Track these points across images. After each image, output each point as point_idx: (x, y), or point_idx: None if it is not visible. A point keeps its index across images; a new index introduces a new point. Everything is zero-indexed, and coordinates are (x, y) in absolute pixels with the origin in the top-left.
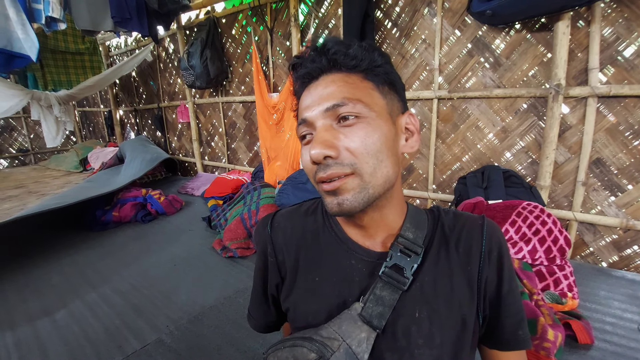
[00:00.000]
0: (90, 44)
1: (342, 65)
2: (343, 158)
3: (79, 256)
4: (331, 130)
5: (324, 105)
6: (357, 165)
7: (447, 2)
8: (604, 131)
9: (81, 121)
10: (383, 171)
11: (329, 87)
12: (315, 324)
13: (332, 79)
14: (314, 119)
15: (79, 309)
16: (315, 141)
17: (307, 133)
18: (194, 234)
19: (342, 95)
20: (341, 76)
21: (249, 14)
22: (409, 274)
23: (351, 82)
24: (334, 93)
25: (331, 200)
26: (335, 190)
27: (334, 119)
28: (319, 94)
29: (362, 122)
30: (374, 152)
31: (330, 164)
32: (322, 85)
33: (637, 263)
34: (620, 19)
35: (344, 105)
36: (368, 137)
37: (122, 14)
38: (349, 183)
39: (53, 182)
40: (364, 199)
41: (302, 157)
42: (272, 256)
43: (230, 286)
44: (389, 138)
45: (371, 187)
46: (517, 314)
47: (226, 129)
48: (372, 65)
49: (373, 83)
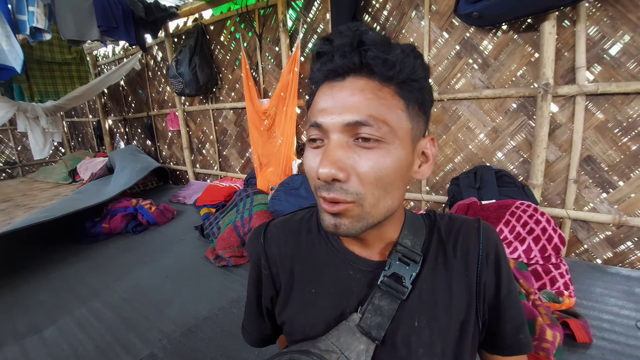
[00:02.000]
0: (77, 54)
1: (376, 73)
2: (350, 185)
3: (68, 270)
4: (346, 148)
5: (346, 118)
6: (362, 195)
7: (434, 5)
8: (593, 129)
9: (70, 132)
10: (387, 202)
11: (356, 96)
12: (312, 336)
13: (361, 87)
14: (330, 128)
15: (69, 326)
16: (327, 158)
17: (318, 137)
18: (186, 243)
19: (368, 111)
20: (372, 86)
21: (237, 20)
22: (408, 282)
23: (382, 97)
24: (359, 106)
25: (328, 218)
26: (334, 212)
27: (352, 135)
28: (343, 100)
29: (381, 149)
30: (383, 184)
31: (335, 186)
32: (348, 90)
33: (631, 259)
34: (605, 17)
35: (367, 126)
36: (382, 167)
37: (108, 22)
38: (348, 210)
39: (41, 195)
40: (362, 227)
41: (307, 160)
42: (266, 269)
43: (224, 296)
44: (403, 167)
45: (370, 217)
46: (517, 317)
47: (217, 136)
48: (410, 78)
49: (405, 102)
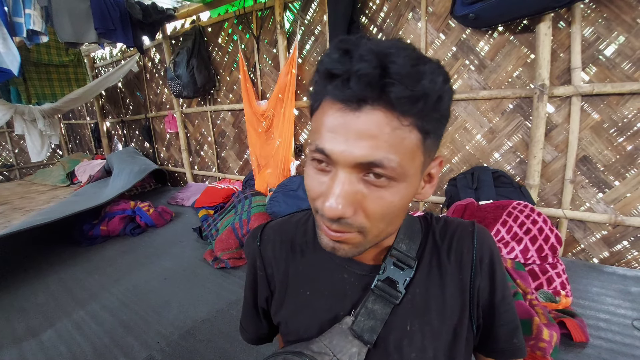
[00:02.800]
0: (74, 56)
1: (397, 107)
2: (355, 219)
3: (66, 273)
4: (355, 185)
5: (359, 157)
6: (367, 228)
7: (431, 7)
8: (589, 129)
9: (67, 134)
10: (389, 230)
11: (372, 130)
12: (306, 337)
13: (378, 121)
14: (339, 161)
15: (66, 328)
16: (334, 194)
17: (322, 160)
18: (184, 245)
19: (384, 152)
20: (391, 121)
21: (235, 22)
22: (402, 287)
23: (400, 135)
24: (375, 145)
25: (327, 241)
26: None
27: (362, 171)
28: (357, 130)
29: (392, 188)
30: (389, 219)
31: (340, 221)
32: (364, 123)
33: (627, 258)
34: (599, 19)
35: (381, 167)
36: (391, 205)
37: (105, 25)
38: (350, 239)
39: (39, 198)
40: (360, 252)
41: (309, 179)
42: (261, 270)
43: (222, 298)
44: (409, 199)
45: (369, 244)
46: (512, 322)
47: (215, 137)
48: (433, 110)
49: (422, 136)
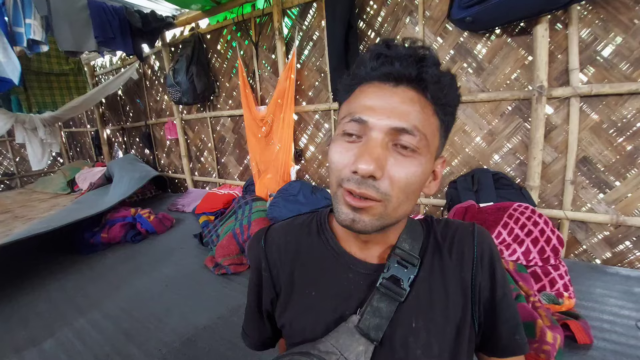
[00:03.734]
0: (74, 65)
1: (428, 90)
2: (381, 184)
3: (67, 281)
4: (386, 150)
5: (394, 123)
6: (390, 196)
7: (428, 11)
8: (588, 130)
9: (68, 142)
10: (405, 207)
11: (406, 105)
12: (312, 338)
13: (411, 98)
14: (375, 127)
15: (67, 337)
16: (369, 154)
17: (355, 133)
18: (185, 252)
19: (414, 122)
20: (421, 100)
21: (234, 29)
22: (406, 285)
23: (426, 112)
24: (408, 115)
25: (347, 212)
26: (358, 207)
27: (392, 139)
28: (393, 105)
29: (416, 159)
30: (410, 191)
31: (368, 182)
32: (399, 97)
33: (630, 258)
34: (596, 20)
35: (411, 135)
36: (413, 175)
37: (105, 33)
38: (373, 208)
39: (40, 206)
40: (378, 226)
41: (337, 153)
42: (266, 271)
43: (223, 305)
44: (425, 179)
45: (389, 218)
46: (513, 318)
47: (215, 143)
48: (449, 104)
49: (440, 122)
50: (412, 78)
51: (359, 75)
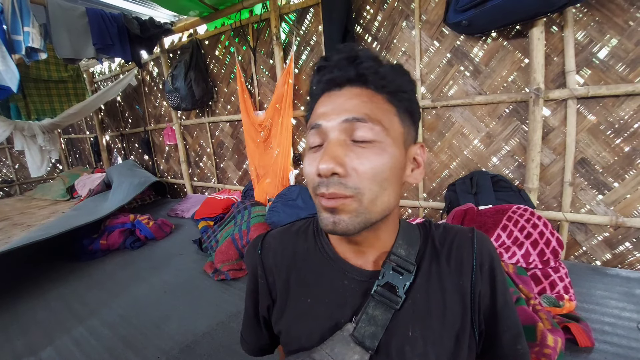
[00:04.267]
0: (73, 72)
1: (370, 82)
2: (348, 179)
3: (66, 288)
4: (344, 146)
5: (343, 117)
6: (360, 190)
7: (424, 15)
8: (586, 131)
9: (67, 148)
10: (384, 199)
11: (352, 100)
12: (308, 346)
13: (356, 93)
14: (329, 128)
15: (66, 345)
16: (326, 154)
17: (317, 140)
18: (184, 258)
19: (364, 111)
20: (367, 92)
21: (231, 34)
22: (402, 292)
23: (375, 101)
24: (356, 107)
25: (327, 217)
26: (333, 208)
27: (349, 135)
28: (340, 103)
29: (376, 147)
30: (380, 180)
31: (334, 181)
32: (345, 96)
33: (630, 260)
34: (592, 22)
35: (363, 122)
36: (378, 163)
37: (103, 40)
38: (347, 205)
39: (39, 213)
40: (360, 224)
41: (306, 165)
42: (262, 278)
43: (222, 311)
44: (397, 167)
45: (368, 213)
46: (514, 327)
47: (214, 148)
48: (398, 90)
49: (396, 108)
50: (352, 77)
51: (313, 93)
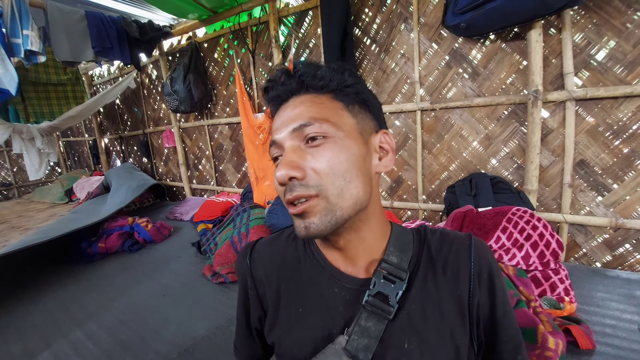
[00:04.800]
0: (72, 74)
1: (310, 87)
2: (309, 179)
3: (64, 292)
4: (298, 151)
5: (291, 126)
6: (323, 187)
7: (422, 17)
8: (584, 133)
9: (66, 151)
10: (352, 192)
11: (297, 108)
12: (300, 358)
13: (300, 100)
14: (282, 140)
15: (63, 350)
16: (282, 162)
17: (277, 155)
18: (183, 261)
19: (309, 115)
20: (309, 97)
21: (230, 37)
22: (394, 301)
23: (319, 102)
24: (301, 114)
25: (299, 223)
26: (301, 213)
27: (302, 140)
28: (288, 115)
29: (329, 142)
30: (341, 173)
31: (295, 185)
32: (291, 106)
33: (630, 261)
34: (589, 24)
35: (310, 125)
36: (335, 157)
37: (102, 43)
38: (314, 206)
39: (37, 216)
40: (331, 222)
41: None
42: (252, 289)
43: (222, 314)
44: (358, 157)
45: (339, 209)
46: (515, 337)
47: (213, 151)
48: (341, 86)
49: (342, 103)
50: (293, 88)
51: (271, 114)
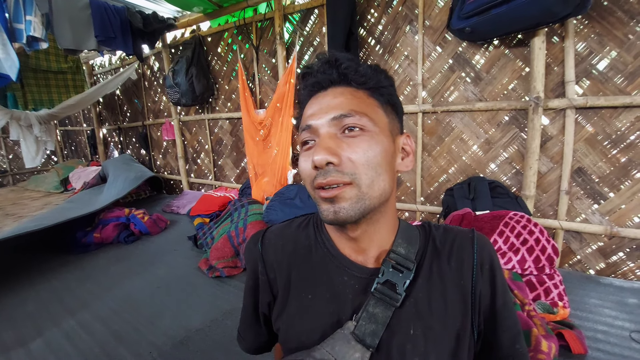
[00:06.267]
0: (73, 63)
1: (351, 80)
2: (344, 167)
3: (57, 281)
4: (335, 139)
5: (331, 114)
6: (357, 175)
7: (427, 20)
8: (583, 141)
9: (63, 140)
10: (380, 184)
11: (338, 98)
12: (308, 344)
13: (340, 92)
14: (319, 126)
15: (56, 338)
16: (320, 146)
17: (309, 139)
18: (179, 254)
19: (349, 107)
20: (350, 90)
21: (235, 32)
22: (402, 290)
23: (358, 96)
24: (342, 104)
25: (327, 207)
26: (332, 198)
27: (339, 129)
28: (327, 103)
29: (365, 135)
30: (374, 165)
31: (330, 170)
32: (331, 95)
33: (623, 269)
34: (592, 34)
35: (350, 117)
36: (370, 150)
37: (106, 33)
38: (346, 192)
39: (32, 204)
40: (360, 210)
41: (301, 164)
42: (263, 274)
43: (216, 308)
44: (388, 153)
45: (368, 199)
46: (513, 327)
47: (212, 145)
48: (378, 85)
49: (378, 101)
50: (334, 78)
51: (301, 99)
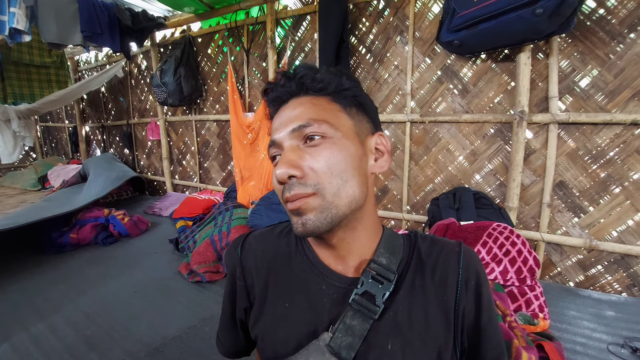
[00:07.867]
0: (57, 58)
1: (309, 89)
2: (307, 178)
3: (28, 282)
4: (297, 151)
5: (291, 127)
6: (320, 185)
7: (417, 32)
8: (565, 155)
9: (43, 137)
10: (348, 191)
11: (296, 109)
12: (283, 354)
13: (299, 102)
14: (281, 140)
15: (23, 343)
16: (281, 161)
17: (276, 154)
18: (159, 257)
19: (308, 116)
20: (308, 99)
21: (226, 34)
22: (380, 302)
23: (318, 104)
24: (300, 114)
25: (296, 220)
26: (298, 209)
27: (301, 140)
28: (287, 116)
29: (327, 142)
30: (338, 172)
31: (294, 183)
32: (290, 107)
33: (601, 282)
34: (575, 52)
35: (309, 126)
36: (332, 157)
37: (92, 28)
38: (309, 203)
39: (7, 201)
40: (328, 219)
41: (273, 178)
42: (240, 279)
43: (195, 314)
44: (355, 158)
45: (334, 208)
46: (498, 346)
47: (199, 147)
48: (339, 89)
49: (340, 105)
50: (293, 90)
51: (270, 115)
